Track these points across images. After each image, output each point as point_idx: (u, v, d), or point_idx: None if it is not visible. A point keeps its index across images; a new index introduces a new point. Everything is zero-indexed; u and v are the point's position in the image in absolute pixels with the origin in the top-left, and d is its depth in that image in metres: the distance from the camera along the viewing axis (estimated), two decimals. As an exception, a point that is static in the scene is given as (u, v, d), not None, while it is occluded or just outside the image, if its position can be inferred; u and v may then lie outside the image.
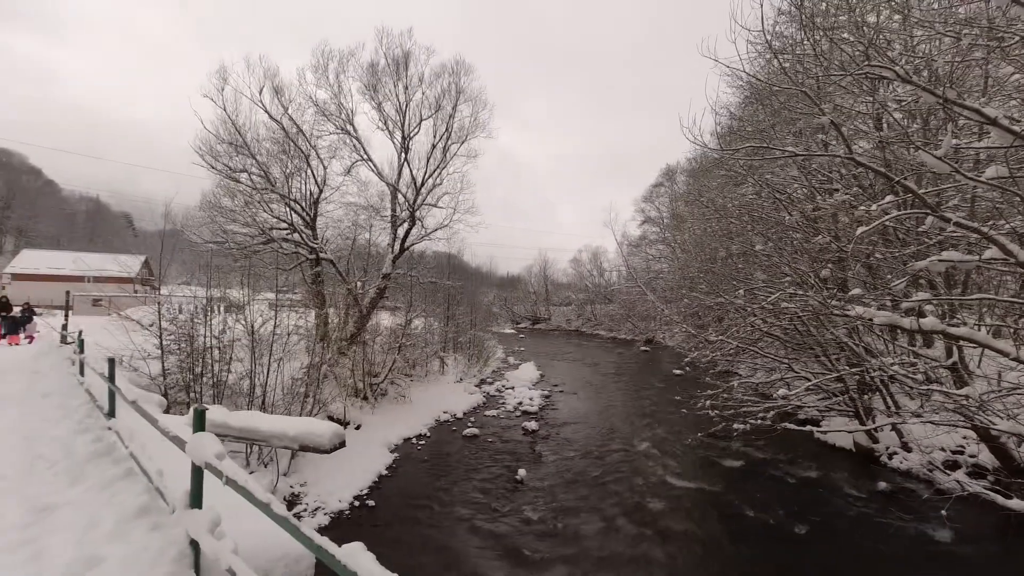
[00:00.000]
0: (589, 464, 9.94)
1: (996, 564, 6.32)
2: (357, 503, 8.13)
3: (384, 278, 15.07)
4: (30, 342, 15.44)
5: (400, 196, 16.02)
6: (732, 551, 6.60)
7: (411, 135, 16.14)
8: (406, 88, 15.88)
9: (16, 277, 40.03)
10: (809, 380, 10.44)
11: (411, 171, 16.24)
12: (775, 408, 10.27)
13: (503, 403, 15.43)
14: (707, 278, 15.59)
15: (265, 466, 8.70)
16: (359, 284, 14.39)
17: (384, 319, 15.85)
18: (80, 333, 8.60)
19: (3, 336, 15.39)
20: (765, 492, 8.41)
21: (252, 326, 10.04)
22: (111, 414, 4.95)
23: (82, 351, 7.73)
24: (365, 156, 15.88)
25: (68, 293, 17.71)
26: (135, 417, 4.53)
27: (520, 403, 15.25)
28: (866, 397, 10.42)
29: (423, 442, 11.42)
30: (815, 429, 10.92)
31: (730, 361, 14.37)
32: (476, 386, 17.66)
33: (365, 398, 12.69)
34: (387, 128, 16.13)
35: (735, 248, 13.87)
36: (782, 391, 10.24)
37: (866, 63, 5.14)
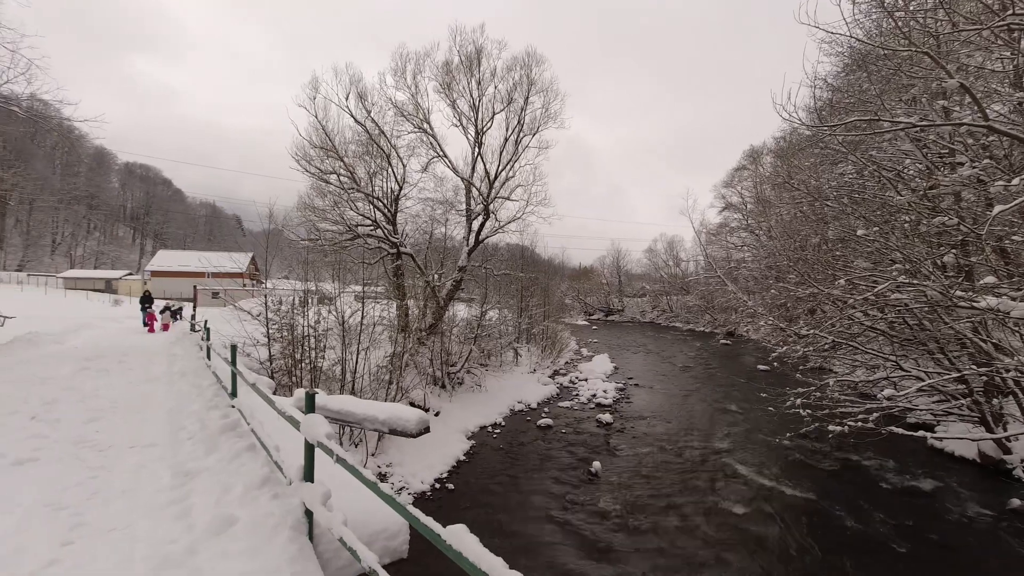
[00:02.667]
0: (666, 460, 9.70)
1: None
2: (437, 485, 8.60)
3: (460, 270, 15.61)
4: (165, 330, 17.92)
5: (474, 190, 16.44)
6: (826, 562, 6.15)
7: (484, 130, 16.46)
8: (479, 83, 16.19)
9: (154, 274, 46.82)
10: (922, 380, 9.32)
11: (484, 165, 16.61)
12: (879, 410, 9.29)
13: (576, 395, 15.43)
14: (798, 267, 14.37)
15: (356, 446, 9.47)
16: (436, 276, 15.04)
17: (460, 310, 16.45)
18: (206, 323, 9.86)
19: (146, 324, 18.03)
20: (867, 501, 7.70)
21: (343, 317, 10.89)
22: (234, 394, 5.68)
23: (208, 339, 8.87)
24: (441, 153, 16.47)
25: (195, 288, 20.35)
26: (253, 397, 5.15)
27: (594, 395, 15.17)
28: (995, 401, 9.11)
29: (498, 431, 11.77)
30: (929, 435, 9.69)
31: (824, 357, 13.18)
32: (549, 377, 17.81)
33: (443, 386, 13.31)
34: (461, 124, 16.59)
35: (831, 234, 12.65)
36: (888, 391, 9.25)
37: (1009, 13, 4.44)
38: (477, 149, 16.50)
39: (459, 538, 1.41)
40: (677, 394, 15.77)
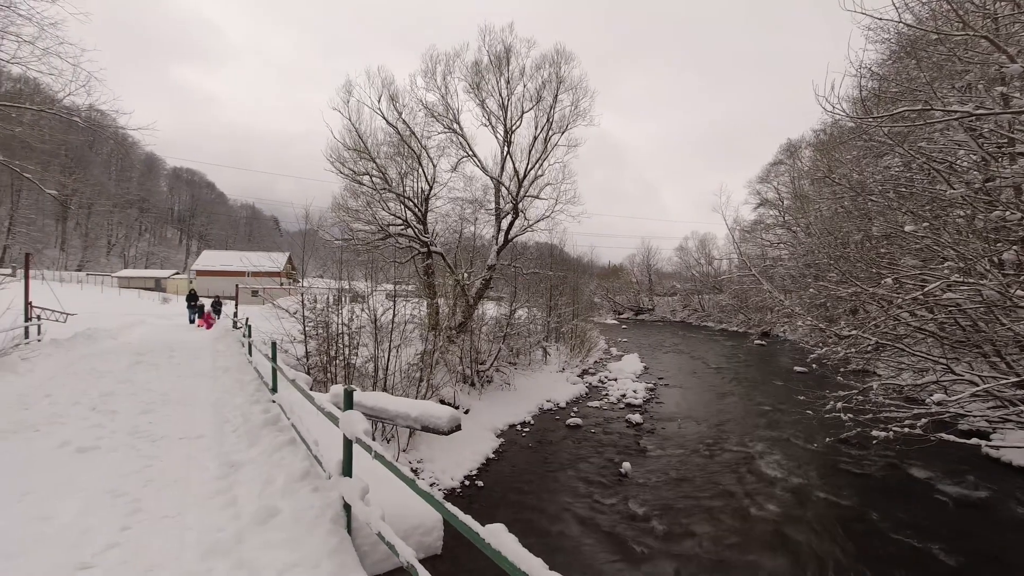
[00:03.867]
0: (698, 462, 9.51)
1: None
2: (467, 482, 8.70)
3: (489, 269, 15.72)
4: (208, 327, 18.79)
5: (503, 189, 16.51)
6: (866, 572, 5.90)
7: (513, 128, 16.50)
8: (508, 82, 16.24)
9: (199, 273, 49.30)
10: (976, 384, 8.78)
11: (513, 164, 16.65)
12: (928, 415, 8.83)
13: (606, 394, 15.30)
14: (839, 265, 13.75)
15: (388, 442, 9.68)
16: (466, 275, 15.20)
17: (489, 309, 16.57)
18: (247, 320, 10.29)
19: (192, 321, 18.96)
20: (914, 511, 7.34)
21: (375, 315, 11.15)
22: (274, 389, 5.92)
23: (249, 335, 9.25)
24: (470, 152, 16.61)
25: (237, 286, 21.29)
26: (292, 392, 5.35)
27: (623, 395, 15.01)
28: (1060, 409, 8.50)
29: (527, 429, 11.80)
30: (983, 443, 9.17)
31: (867, 359, 12.60)
32: (578, 376, 17.71)
33: (472, 384, 13.44)
34: (490, 123, 16.69)
35: (876, 230, 12.05)
36: (938, 396, 8.73)
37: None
38: (506, 148, 16.57)
39: (498, 537, 1.43)
40: (709, 395, 15.42)
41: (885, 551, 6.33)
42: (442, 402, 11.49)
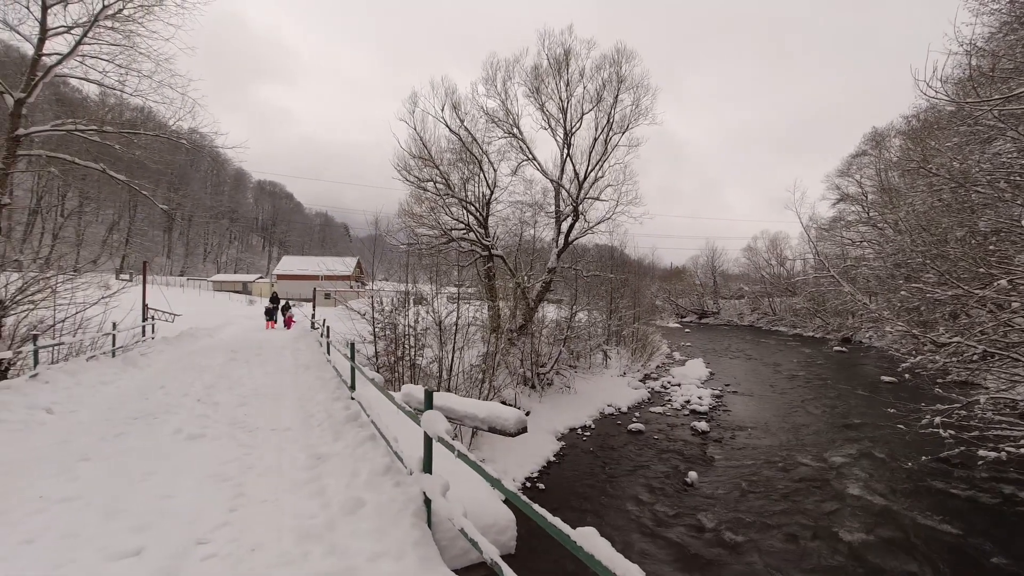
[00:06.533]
0: (771, 476, 8.99)
1: None
2: (528, 484, 8.79)
3: (549, 272, 15.78)
4: (288, 327, 20.30)
5: (563, 191, 16.52)
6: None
7: (573, 130, 16.47)
8: (567, 85, 16.23)
9: (280, 277, 53.69)
10: (1113, 403, 7.65)
11: (573, 166, 16.62)
12: (1050, 436, 7.80)
13: (669, 400, 14.84)
14: (936, 264, 12.42)
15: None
16: (526, 278, 15.35)
17: (549, 312, 16.62)
18: (324, 321, 11.07)
19: (273, 320, 20.57)
20: (1032, 544, 6.51)
21: (439, 317, 11.56)
22: (352, 387, 6.34)
23: (328, 336, 9.94)
24: (530, 156, 16.77)
25: (315, 290, 22.91)
26: (369, 389, 5.71)
27: (688, 401, 14.49)
28: None
29: (588, 433, 11.71)
30: (1123, 471, 7.98)
31: (971, 370, 11.28)
32: (640, 381, 17.31)
33: (533, 387, 13.55)
34: (550, 127, 16.77)
35: (982, 224, 10.79)
36: (1063, 415, 7.71)
37: None
38: (566, 150, 16.55)
39: (591, 541, 1.47)
40: (783, 405, 14.49)
41: (996, 586, 5.68)
42: (503, 403, 11.69)
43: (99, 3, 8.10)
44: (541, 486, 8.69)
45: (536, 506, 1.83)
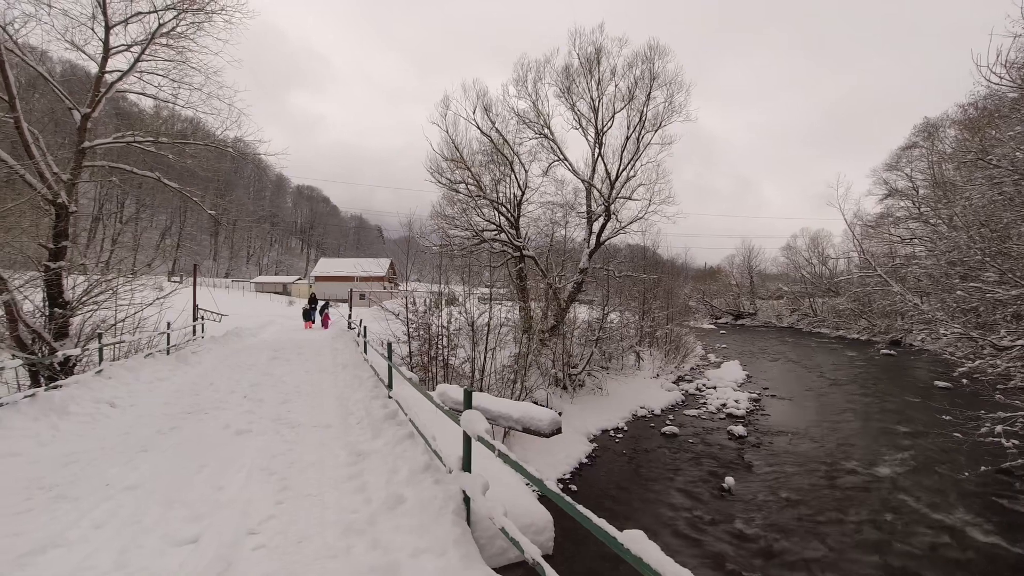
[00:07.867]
0: (814, 483, 8.65)
1: None
2: (561, 486, 8.76)
3: (581, 272, 15.70)
4: (325, 327, 20.95)
5: (595, 191, 16.40)
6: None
7: (604, 130, 16.33)
8: (599, 83, 16.12)
9: (317, 278, 55.58)
10: None
11: (605, 165, 16.48)
12: None
13: (704, 403, 14.51)
14: (997, 262, 11.66)
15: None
16: (557, 278, 15.32)
17: (581, 312, 16.53)
18: (361, 321, 11.39)
19: (311, 320, 21.27)
20: (1109, 565, 6.03)
21: (472, 318, 11.69)
22: (390, 386, 6.50)
23: (365, 336, 10.23)
24: (561, 156, 16.73)
25: (351, 291, 23.59)
26: (406, 388, 5.84)
27: (724, 404, 14.12)
28: None
29: (620, 435, 11.58)
30: None
31: (1037, 376, 10.53)
32: (673, 383, 16.99)
33: (564, 387, 13.51)
34: (581, 126, 16.67)
35: (1050, 220, 10.04)
36: None
37: None
38: (597, 150, 16.43)
39: (639, 543, 1.47)
40: (826, 409, 13.91)
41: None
42: (535, 404, 11.70)
43: (155, 22, 8.63)
44: (574, 487, 8.67)
45: (580, 507, 1.85)
